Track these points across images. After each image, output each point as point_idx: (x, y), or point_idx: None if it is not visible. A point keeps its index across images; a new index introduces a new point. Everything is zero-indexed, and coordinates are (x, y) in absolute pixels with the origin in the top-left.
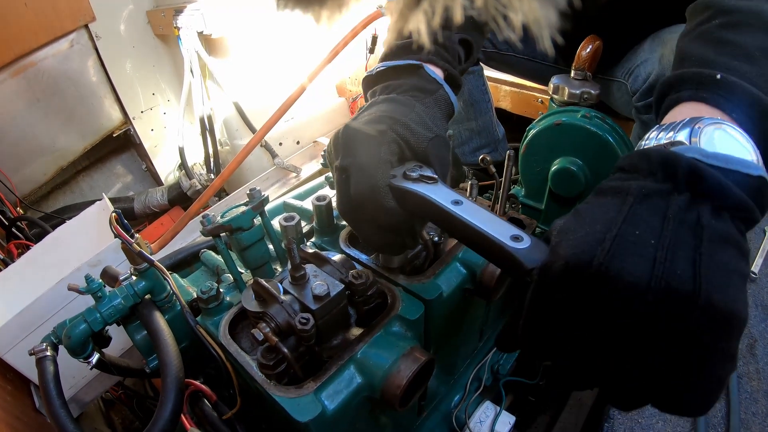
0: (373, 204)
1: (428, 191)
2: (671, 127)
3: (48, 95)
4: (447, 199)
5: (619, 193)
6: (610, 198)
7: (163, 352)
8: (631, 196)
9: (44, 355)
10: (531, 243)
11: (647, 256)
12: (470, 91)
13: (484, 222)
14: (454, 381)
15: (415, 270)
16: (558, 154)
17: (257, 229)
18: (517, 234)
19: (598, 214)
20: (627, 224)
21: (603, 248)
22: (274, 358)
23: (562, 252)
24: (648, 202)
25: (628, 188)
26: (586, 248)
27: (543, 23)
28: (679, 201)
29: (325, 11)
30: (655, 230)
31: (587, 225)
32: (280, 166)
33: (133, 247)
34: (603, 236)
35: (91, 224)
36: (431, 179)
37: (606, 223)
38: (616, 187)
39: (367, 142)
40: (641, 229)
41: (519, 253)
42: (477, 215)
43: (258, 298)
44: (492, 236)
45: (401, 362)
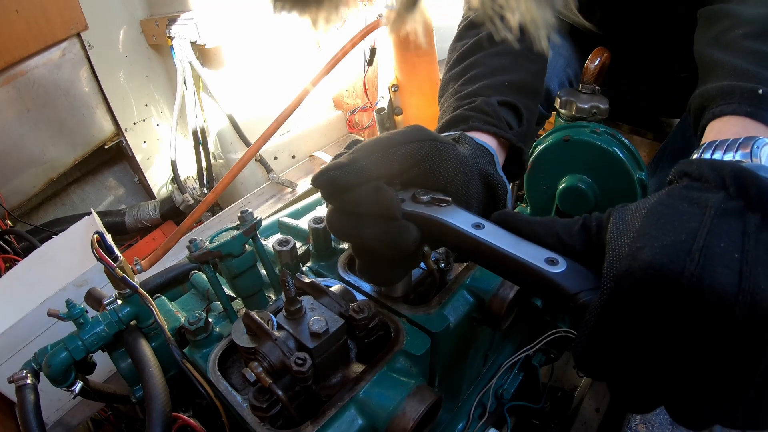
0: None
1: (444, 215)
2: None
3: (38, 105)
4: (467, 223)
5: (697, 204)
6: (688, 206)
7: (149, 384)
8: (711, 208)
9: (24, 383)
10: (568, 265)
11: (734, 269)
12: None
13: (514, 246)
14: (457, 408)
15: (420, 298)
16: (566, 172)
17: (249, 256)
18: (552, 257)
19: (679, 222)
20: (712, 236)
21: (693, 258)
22: (267, 400)
23: (647, 258)
24: (727, 217)
25: (707, 200)
26: (675, 257)
27: (540, 23)
28: (755, 219)
29: (322, 14)
30: (737, 245)
31: (671, 232)
32: (275, 181)
33: (116, 272)
34: (690, 246)
35: (78, 241)
36: (444, 201)
37: (691, 233)
38: (694, 198)
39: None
40: (725, 242)
41: (559, 278)
42: (504, 238)
43: (249, 332)
44: (525, 261)
45: (407, 403)
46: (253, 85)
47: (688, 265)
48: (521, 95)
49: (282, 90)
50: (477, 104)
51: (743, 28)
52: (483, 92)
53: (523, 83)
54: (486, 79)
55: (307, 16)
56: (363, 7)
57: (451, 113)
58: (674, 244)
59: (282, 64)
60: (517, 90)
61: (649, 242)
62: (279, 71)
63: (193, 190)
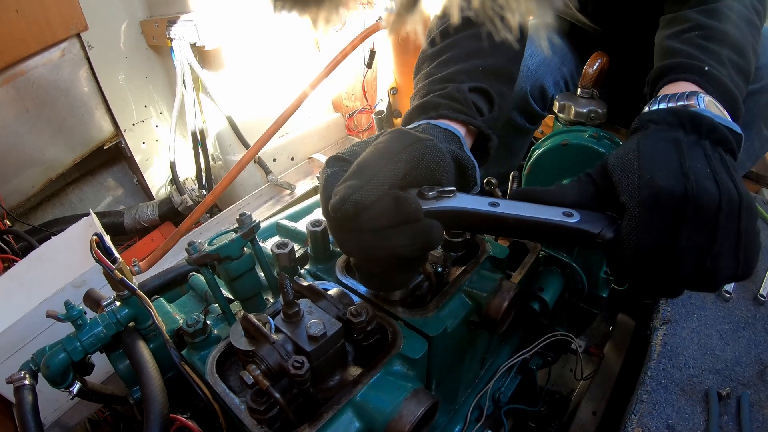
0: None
1: (460, 204)
2: (676, 96)
3: (38, 105)
4: (483, 204)
5: (670, 140)
6: (665, 144)
7: (147, 386)
8: (682, 142)
9: (22, 384)
10: (581, 214)
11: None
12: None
13: (532, 211)
14: (454, 411)
15: (417, 302)
16: (564, 176)
17: (247, 259)
18: (566, 210)
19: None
20: (691, 161)
21: (688, 178)
22: (264, 403)
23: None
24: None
25: (676, 137)
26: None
27: (540, 24)
28: (707, 145)
29: (322, 14)
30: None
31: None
32: (273, 183)
33: (114, 274)
34: (681, 170)
35: (76, 241)
36: (450, 192)
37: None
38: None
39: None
40: (700, 163)
41: (580, 224)
42: (521, 208)
43: (247, 335)
44: (548, 219)
45: (403, 406)
46: (253, 87)
47: (688, 183)
48: (494, 80)
49: (281, 92)
50: (448, 91)
51: (699, 30)
52: (456, 77)
53: (498, 68)
54: (460, 64)
55: (307, 16)
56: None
57: (421, 98)
58: (673, 170)
59: (281, 66)
60: (491, 75)
61: (654, 173)
62: (278, 73)
63: (191, 191)
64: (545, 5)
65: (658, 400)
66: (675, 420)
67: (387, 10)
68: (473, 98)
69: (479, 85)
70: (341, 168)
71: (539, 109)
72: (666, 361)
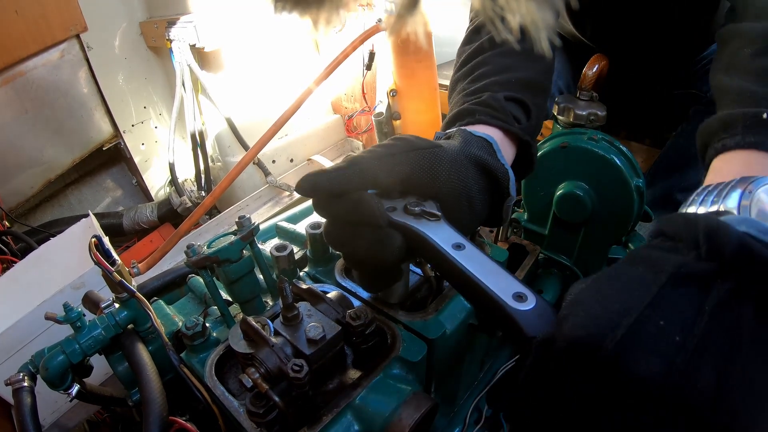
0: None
1: (428, 230)
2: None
3: (37, 106)
4: (447, 242)
5: (652, 267)
6: (641, 270)
7: (146, 388)
8: (664, 274)
9: (21, 386)
10: (535, 305)
11: (666, 355)
12: None
13: (486, 273)
14: (453, 413)
15: (416, 305)
16: (563, 178)
17: (246, 261)
18: (521, 292)
19: (621, 290)
20: (651, 310)
21: (614, 336)
22: (264, 406)
23: (566, 330)
24: (684, 287)
25: (663, 263)
26: (596, 331)
27: (541, 25)
28: (721, 291)
29: (323, 14)
30: (685, 325)
31: (605, 301)
32: (272, 185)
33: (113, 276)
34: (619, 320)
35: (75, 242)
36: (433, 216)
37: (626, 304)
38: (652, 259)
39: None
40: (667, 319)
41: (520, 317)
42: (479, 264)
43: (247, 338)
44: (492, 292)
45: (402, 409)
46: (252, 89)
47: (607, 342)
48: (528, 92)
49: (280, 94)
50: (483, 99)
51: (752, 46)
52: (490, 88)
53: (530, 80)
54: (493, 77)
55: (307, 17)
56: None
57: (456, 109)
58: (600, 316)
59: (281, 67)
60: (525, 87)
61: (576, 310)
62: (278, 75)
63: (190, 192)
64: (545, 6)
65: None
66: None
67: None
68: (509, 107)
69: (514, 95)
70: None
71: None
72: None
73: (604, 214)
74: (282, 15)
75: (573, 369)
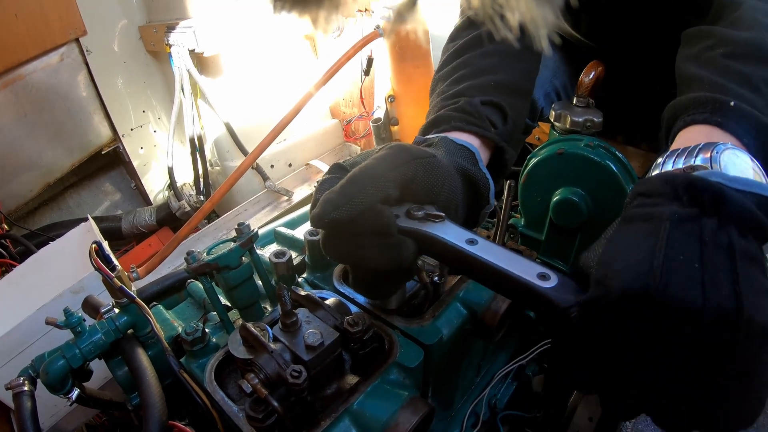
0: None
1: (439, 231)
2: (686, 151)
3: (36, 109)
4: (461, 239)
5: (650, 219)
6: (643, 224)
7: (146, 393)
8: (666, 221)
9: (21, 390)
10: (559, 280)
11: (696, 279)
12: None
13: (506, 261)
14: (451, 418)
15: (414, 311)
16: (560, 184)
17: (246, 268)
18: (544, 272)
19: (636, 242)
20: (670, 250)
21: (654, 275)
22: (263, 411)
23: (614, 283)
24: (682, 227)
25: (660, 214)
26: (638, 277)
27: (540, 23)
28: (711, 224)
29: (322, 13)
30: (696, 254)
31: (631, 254)
32: (271, 189)
33: (114, 282)
34: (651, 263)
35: (75, 246)
36: (437, 217)
37: (649, 251)
38: (646, 214)
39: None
40: (684, 253)
41: (550, 293)
42: (497, 254)
43: (246, 344)
44: (518, 276)
45: (400, 414)
46: (251, 94)
47: (652, 282)
48: (507, 95)
49: (279, 99)
50: (460, 105)
51: (725, 48)
52: (467, 92)
53: (510, 83)
54: (471, 80)
55: (307, 16)
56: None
57: (434, 113)
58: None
59: (279, 73)
60: (503, 90)
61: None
62: (277, 80)
63: (189, 196)
64: (545, 3)
65: None
66: None
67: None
68: (486, 112)
69: (491, 98)
70: (337, 176)
71: (529, 121)
72: None
73: (600, 220)
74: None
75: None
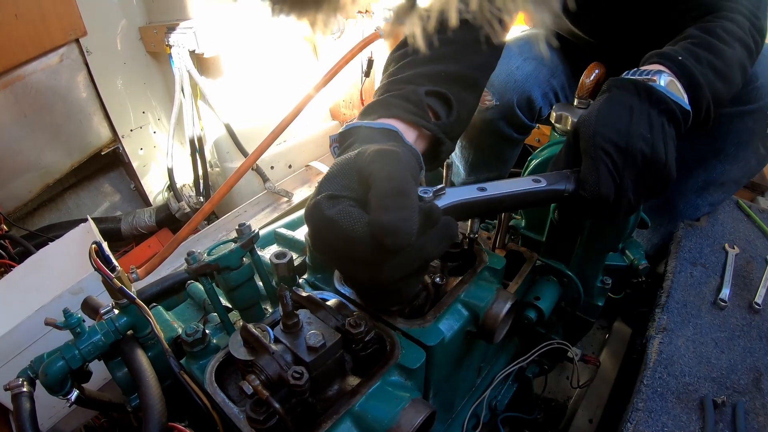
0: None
1: (458, 197)
2: (646, 72)
3: (35, 110)
4: (474, 192)
5: (625, 105)
6: (619, 107)
7: (146, 394)
8: (633, 107)
9: (20, 391)
10: (547, 178)
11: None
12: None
13: (510, 186)
14: (451, 419)
15: (415, 312)
16: None
17: (246, 269)
18: (535, 177)
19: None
20: (636, 124)
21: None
22: (264, 412)
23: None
24: (642, 112)
25: (631, 102)
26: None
27: (538, 25)
28: (654, 112)
29: (321, 16)
30: (647, 127)
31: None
32: (271, 191)
33: (114, 283)
34: (628, 129)
35: (74, 247)
36: (442, 189)
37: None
38: (623, 101)
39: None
40: (642, 126)
41: (548, 186)
42: (501, 186)
43: (247, 345)
44: (522, 190)
45: (401, 416)
46: (251, 95)
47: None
48: (455, 86)
49: (279, 100)
50: (404, 92)
51: (692, 40)
52: (414, 80)
53: (460, 74)
54: (421, 67)
55: (305, 19)
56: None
57: (378, 96)
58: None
59: (280, 74)
60: (452, 81)
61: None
62: (277, 81)
63: (189, 198)
64: (543, 6)
65: (653, 409)
66: (671, 428)
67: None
68: (430, 101)
69: (438, 89)
70: (346, 204)
71: (527, 121)
72: (662, 369)
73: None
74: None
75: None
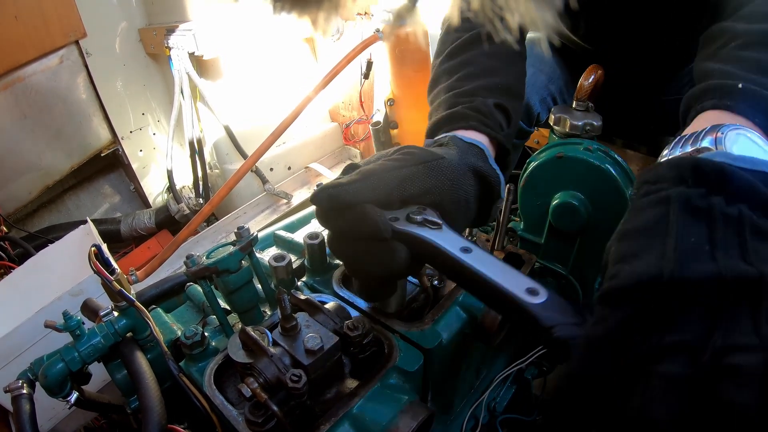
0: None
1: (434, 237)
2: (694, 136)
3: (35, 112)
4: (455, 246)
5: (659, 204)
6: (651, 211)
7: (145, 396)
8: (674, 203)
9: (20, 393)
10: (548, 297)
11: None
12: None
13: (497, 273)
14: (450, 421)
15: (413, 315)
16: (559, 188)
17: (245, 271)
18: (533, 287)
19: (647, 230)
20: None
21: (668, 260)
22: (262, 415)
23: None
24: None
25: (667, 197)
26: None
27: (540, 25)
28: (719, 201)
29: (322, 13)
30: (705, 233)
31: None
32: (270, 192)
33: (113, 286)
34: (664, 249)
35: (74, 249)
36: (435, 224)
37: (660, 236)
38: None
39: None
40: (694, 233)
41: (535, 309)
42: (488, 265)
43: (246, 348)
44: (505, 289)
45: (399, 419)
46: (250, 97)
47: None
48: (509, 98)
49: (279, 102)
50: (475, 104)
51: (737, 41)
52: (480, 93)
53: (510, 86)
54: (481, 80)
55: (306, 17)
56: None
57: (447, 109)
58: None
59: (279, 76)
60: (506, 92)
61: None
62: (276, 83)
63: (188, 199)
64: (545, 5)
65: None
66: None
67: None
68: (496, 114)
69: (500, 101)
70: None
71: (525, 126)
72: None
73: (599, 224)
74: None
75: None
